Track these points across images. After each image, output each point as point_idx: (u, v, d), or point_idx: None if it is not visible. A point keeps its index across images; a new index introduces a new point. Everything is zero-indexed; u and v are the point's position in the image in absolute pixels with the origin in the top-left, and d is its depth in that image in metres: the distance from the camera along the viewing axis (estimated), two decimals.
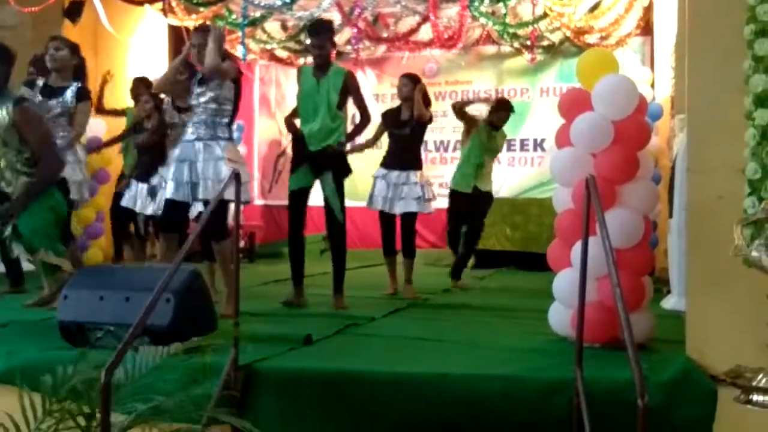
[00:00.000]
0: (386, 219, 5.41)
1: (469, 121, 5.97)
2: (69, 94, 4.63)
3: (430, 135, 6.13)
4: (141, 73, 8.61)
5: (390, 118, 5.45)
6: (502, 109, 5.95)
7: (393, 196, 5.29)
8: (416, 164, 5.40)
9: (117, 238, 6.74)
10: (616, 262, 2.44)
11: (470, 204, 5.87)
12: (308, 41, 4.90)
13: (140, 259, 6.58)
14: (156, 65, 8.42)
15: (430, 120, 5.40)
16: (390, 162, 5.38)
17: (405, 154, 5.36)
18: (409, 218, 5.33)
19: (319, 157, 4.52)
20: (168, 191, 4.20)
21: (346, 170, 4.65)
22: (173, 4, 7.73)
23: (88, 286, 3.12)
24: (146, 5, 7.81)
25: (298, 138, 4.64)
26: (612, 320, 3.18)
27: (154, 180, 5.80)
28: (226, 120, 4.23)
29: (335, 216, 4.55)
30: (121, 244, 6.69)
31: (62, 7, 7.16)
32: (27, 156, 3.96)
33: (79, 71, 4.81)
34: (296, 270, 4.66)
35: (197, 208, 4.72)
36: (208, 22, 4.51)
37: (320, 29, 4.68)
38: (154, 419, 2.12)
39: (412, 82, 5.36)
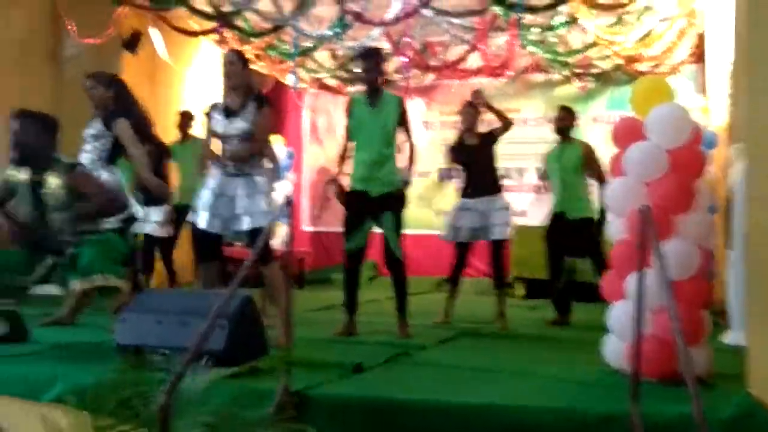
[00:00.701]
0: (464, 250, 5.37)
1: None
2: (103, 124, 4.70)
3: None
4: (197, 105, 8.88)
5: (459, 151, 5.40)
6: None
7: (484, 225, 5.23)
8: (498, 187, 5.39)
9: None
10: (674, 295, 2.40)
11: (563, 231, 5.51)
12: (358, 68, 4.95)
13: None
14: (210, 95, 8.65)
15: (506, 126, 5.34)
16: (473, 191, 5.30)
17: (485, 179, 5.33)
18: (502, 246, 5.31)
19: (378, 204, 4.54)
20: (202, 221, 4.09)
21: (404, 206, 4.66)
22: (227, 35, 7.94)
23: (145, 310, 3.20)
24: (202, 36, 8.04)
25: (352, 191, 4.63)
26: (668, 354, 3.10)
27: None
28: (261, 151, 4.24)
29: (393, 253, 4.57)
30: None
31: (121, 39, 7.44)
32: (87, 213, 4.09)
33: (119, 98, 4.80)
34: (351, 300, 4.67)
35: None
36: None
37: (369, 54, 4.77)
38: None
39: (474, 109, 5.38)
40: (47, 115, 4.22)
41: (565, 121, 5.66)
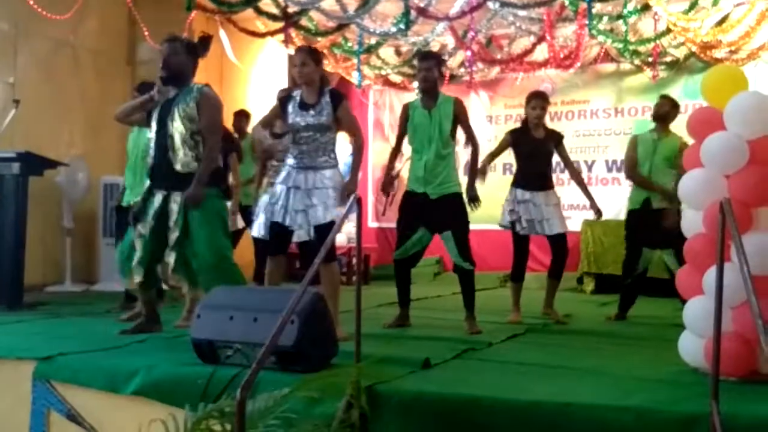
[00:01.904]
0: (523, 243, 5.32)
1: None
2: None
3: None
4: (262, 103, 9.02)
5: (521, 138, 5.31)
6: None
7: (541, 218, 5.18)
8: (552, 184, 5.35)
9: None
10: (755, 290, 2.31)
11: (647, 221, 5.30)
12: (416, 65, 4.93)
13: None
14: (276, 93, 8.80)
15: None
16: (530, 183, 5.24)
17: (543, 174, 5.29)
18: (564, 239, 5.25)
19: (436, 209, 4.53)
20: (277, 215, 4.13)
21: (467, 223, 4.62)
22: (293, 34, 8.05)
23: (219, 306, 3.28)
24: (268, 37, 8.19)
25: (408, 192, 4.64)
26: (750, 352, 2.99)
27: None
28: (332, 145, 4.26)
29: (461, 265, 4.58)
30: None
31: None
32: (197, 138, 4.07)
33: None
34: (402, 295, 4.74)
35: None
36: None
37: (428, 55, 4.83)
38: None
39: (545, 102, 5.33)
40: (191, 40, 4.34)
41: (665, 107, 5.45)
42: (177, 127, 4.04)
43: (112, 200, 7.12)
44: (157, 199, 4.08)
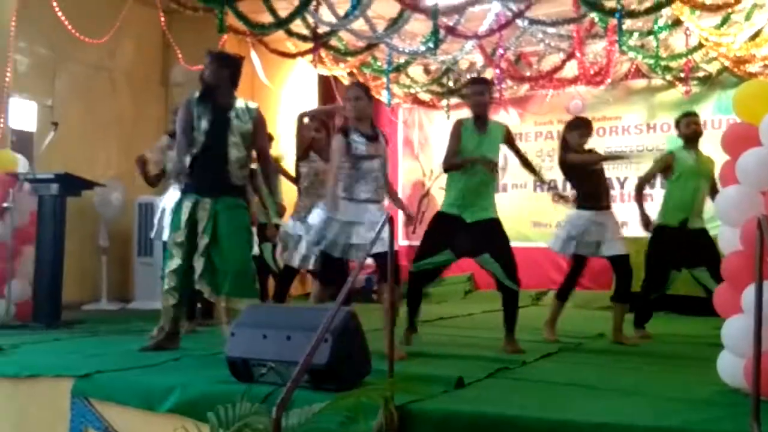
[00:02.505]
0: (581, 262, 5.21)
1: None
2: None
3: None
4: (293, 122, 9.06)
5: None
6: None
7: (601, 240, 5.05)
8: (610, 203, 5.25)
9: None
10: None
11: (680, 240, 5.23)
12: (467, 91, 4.88)
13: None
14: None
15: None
16: (594, 203, 5.10)
17: (603, 192, 5.19)
18: (626, 260, 5.08)
19: (472, 232, 4.47)
20: (331, 248, 4.20)
21: (503, 233, 4.54)
22: (323, 55, 8.15)
23: (253, 325, 3.31)
24: (298, 57, 8.30)
25: (443, 214, 4.60)
26: None
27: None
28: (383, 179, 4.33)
29: (509, 287, 4.48)
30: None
31: None
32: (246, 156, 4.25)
33: None
34: (410, 314, 4.75)
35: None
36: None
37: (479, 80, 4.89)
38: None
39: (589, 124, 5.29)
40: (233, 55, 4.43)
41: (698, 126, 5.39)
42: (235, 142, 4.16)
43: (146, 219, 7.24)
44: (186, 206, 4.17)
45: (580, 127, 5.22)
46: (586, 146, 5.25)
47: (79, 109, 7.45)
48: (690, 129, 5.37)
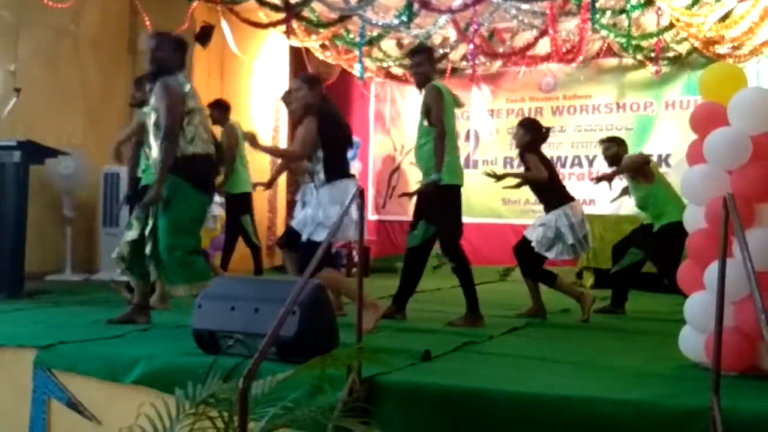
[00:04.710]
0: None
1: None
2: None
3: (547, 150, 6.06)
4: (264, 94, 8.98)
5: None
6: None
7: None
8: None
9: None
10: (758, 286, 2.31)
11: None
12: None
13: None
14: (277, 85, 8.78)
15: None
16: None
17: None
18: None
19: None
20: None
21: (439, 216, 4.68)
22: (295, 26, 8.03)
23: (220, 297, 3.28)
24: (270, 28, 8.16)
25: (457, 186, 4.73)
26: (750, 347, 3.01)
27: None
28: (320, 165, 4.42)
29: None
30: None
31: (194, 33, 7.62)
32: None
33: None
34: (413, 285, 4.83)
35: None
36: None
37: (419, 50, 4.97)
38: (285, 426, 2.19)
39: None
40: (179, 36, 4.41)
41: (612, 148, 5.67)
42: (151, 119, 4.12)
43: (112, 190, 7.13)
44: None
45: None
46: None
47: (43, 75, 7.25)
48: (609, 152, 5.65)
